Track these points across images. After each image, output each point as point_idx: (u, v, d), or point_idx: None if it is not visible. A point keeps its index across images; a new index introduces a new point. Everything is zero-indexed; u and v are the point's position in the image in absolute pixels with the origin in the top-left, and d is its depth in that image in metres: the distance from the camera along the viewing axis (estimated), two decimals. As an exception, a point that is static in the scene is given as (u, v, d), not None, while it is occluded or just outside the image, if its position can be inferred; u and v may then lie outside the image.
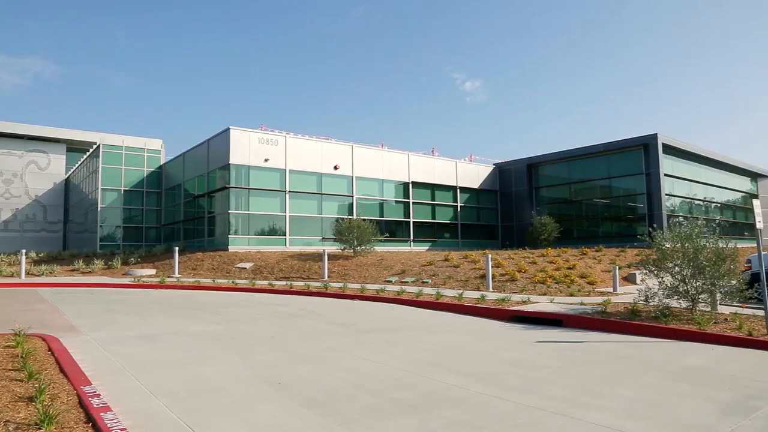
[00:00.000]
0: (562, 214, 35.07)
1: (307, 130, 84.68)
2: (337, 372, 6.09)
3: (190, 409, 4.64)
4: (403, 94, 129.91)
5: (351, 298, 14.31)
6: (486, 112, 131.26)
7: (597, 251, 22.99)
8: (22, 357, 5.97)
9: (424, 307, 12.55)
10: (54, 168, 46.05)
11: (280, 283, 17.94)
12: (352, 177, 30.87)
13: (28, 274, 21.14)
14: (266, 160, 27.68)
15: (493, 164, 39.19)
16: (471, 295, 13.58)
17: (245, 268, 22.28)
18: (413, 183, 33.71)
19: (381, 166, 32.36)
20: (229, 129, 27.07)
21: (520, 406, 4.82)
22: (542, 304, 11.79)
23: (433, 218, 34.99)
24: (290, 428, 4.23)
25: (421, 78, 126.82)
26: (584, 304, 11.52)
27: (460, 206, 36.43)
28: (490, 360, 6.93)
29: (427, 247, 33.00)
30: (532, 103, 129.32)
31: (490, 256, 16.40)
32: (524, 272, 17.74)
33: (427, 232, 34.54)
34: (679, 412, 4.72)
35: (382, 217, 31.94)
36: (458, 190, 36.35)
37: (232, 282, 18.43)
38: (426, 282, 17.71)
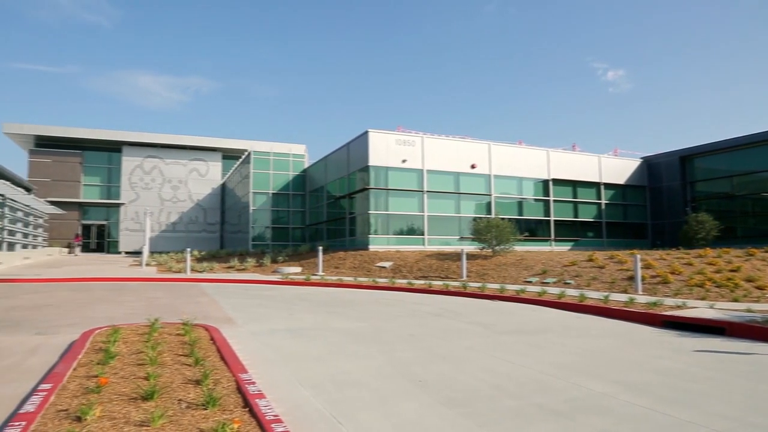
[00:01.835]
0: (722, 210, 31.79)
1: (443, 130, 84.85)
2: (476, 372, 6.04)
3: (335, 401, 4.85)
4: (540, 89, 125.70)
5: (490, 298, 14.11)
6: (631, 103, 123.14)
7: (767, 252, 20.58)
8: (189, 344, 6.62)
9: (566, 309, 12.05)
10: (212, 174, 50.54)
11: (419, 282, 18.16)
12: (490, 175, 30.43)
13: (192, 270, 23.36)
14: (404, 161, 28.16)
15: (641, 158, 36.53)
16: (618, 298, 12.80)
17: (385, 267, 22.83)
18: (553, 180, 32.47)
19: (519, 164, 31.56)
20: (367, 132, 27.91)
21: (678, 421, 4.45)
22: (700, 310, 10.79)
23: (575, 216, 33.45)
24: (431, 426, 4.26)
25: (559, 70, 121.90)
26: (752, 311, 10.35)
27: (605, 203, 34.44)
28: (640, 368, 6.46)
29: (569, 247, 31.65)
30: (682, 90, 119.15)
31: (638, 256, 15.33)
32: (678, 274, 16.36)
33: (569, 231, 33.07)
34: None
35: (521, 216, 31.15)
36: (602, 187, 34.39)
37: (373, 280, 18.97)
38: (568, 283, 16.99)
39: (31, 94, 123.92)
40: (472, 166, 29.88)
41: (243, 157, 41.57)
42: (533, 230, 31.45)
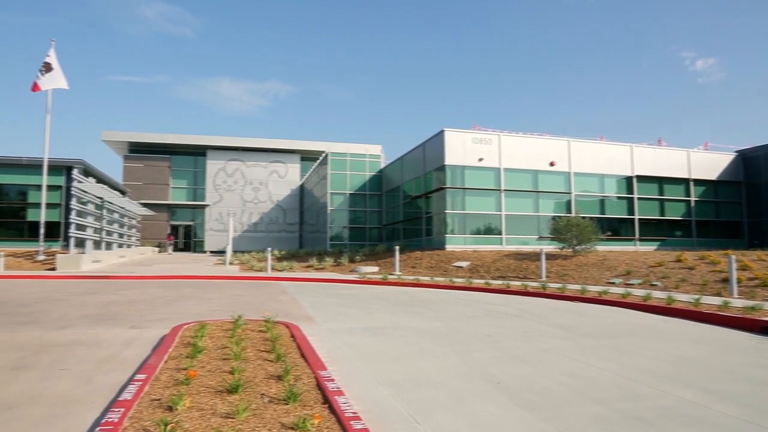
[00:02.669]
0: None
1: (520, 128, 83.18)
2: (556, 375, 5.87)
3: (412, 400, 4.86)
4: (622, 81, 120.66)
5: (570, 300, 13.70)
6: (723, 93, 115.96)
7: None
8: (271, 341, 6.83)
9: (653, 312, 11.50)
10: (291, 176, 51.94)
11: (497, 283, 17.89)
12: (569, 173, 29.55)
13: (272, 269, 24.09)
14: (480, 160, 27.84)
15: (735, 151, 34.28)
16: (710, 301, 12.08)
17: (462, 267, 22.66)
18: (638, 177, 31.10)
19: (600, 161, 30.46)
20: (443, 131, 27.79)
21: (778, 432, 4.15)
22: (805, 315, 10.01)
23: (662, 215, 31.87)
24: (509, 429, 4.18)
25: (643, 61, 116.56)
26: None
27: (694, 201, 32.61)
28: (737, 377, 6.05)
29: (654, 247, 30.20)
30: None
31: (733, 256, 14.38)
32: (779, 276, 15.25)
33: (655, 230, 31.56)
34: None
35: (603, 214, 30.04)
36: (691, 183, 32.58)
37: (450, 280, 18.86)
38: (654, 285, 16.22)
39: (125, 103, 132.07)
40: (551, 164, 29.12)
41: (320, 158, 42.45)
42: (616, 229, 30.26)
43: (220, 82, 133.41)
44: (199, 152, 50.60)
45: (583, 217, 23.93)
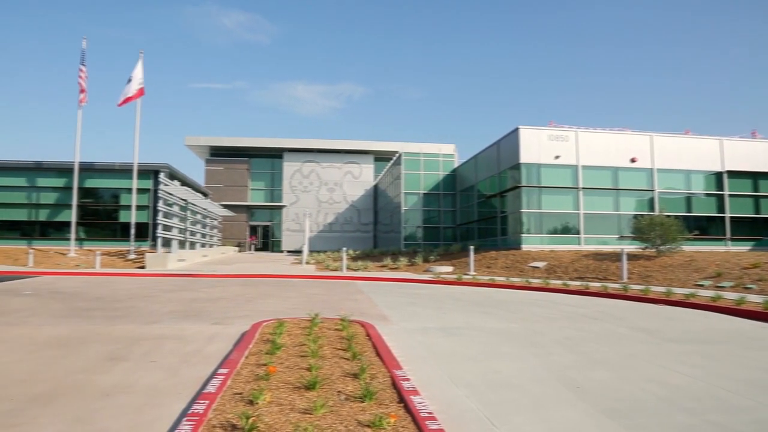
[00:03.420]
0: None
1: (599, 123, 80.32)
2: (641, 382, 5.60)
3: (488, 402, 4.78)
4: (709, 69, 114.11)
5: (654, 302, 13.07)
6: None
7: None
8: (347, 339, 6.92)
9: (747, 317, 10.76)
10: (365, 176, 52.50)
11: (575, 284, 17.35)
12: (652, 169, 28.23)
13: (347, 268, 24.44)
14: (557, 157, 27.11)
15: (841, 143, 31.57)
16: (813, 306, 11.20)
17: (538, 267, 22.15)
18: (728, 172, 29.26)
19: (686, 156, 28.87)
20: (518, 129, 27.26)
21: None
22: None
23: (757, 213, 29.82)
24: (591, 436, 4.04)
25: (732, 49, 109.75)
26: None
27: (794, 198, 30.30)
28: None
29: (748, 247, 28.31)
30: None
31: (839, 258, 13.28)
32: None
33: (749, 229, 29.55)
34: None
35: (689, 212, 28.49)
36: (791, 179, 30.27)
37: (526, 281, 18.47)
38: (749, 288, 15.20)
39: (206, 109, 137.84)
40: (632, 160, 27.92)
41: (394, 158, 42.66)
42: (704, 228, 28.58)
43: (295, 86, 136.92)
44: (275, 155, 52.05)
45: (668, 216, 22.77)
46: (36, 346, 6.93)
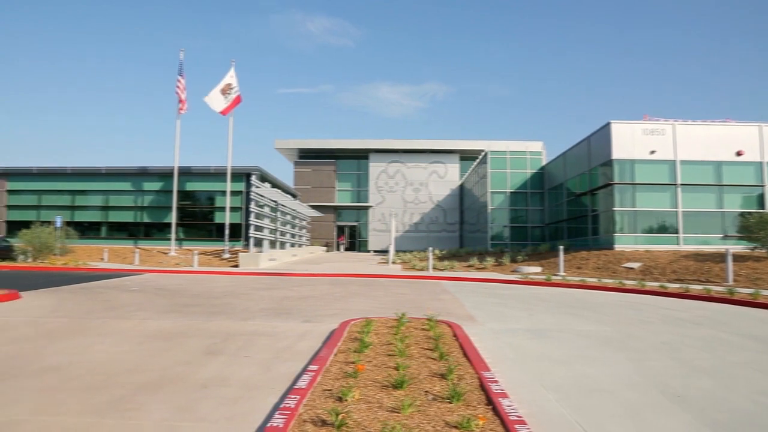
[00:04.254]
0: None
1: (698, 115, 75.65)
2: (750, 393, 5.20)
3: (580, 407, 4.63)
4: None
5: (765, 308, 12.15)
6: None
7: None
8: (434, 339, 6.92)
9: None
10: (450, 176, 52.23)
11: (673, 286, 16.43)
12: (762, 163, 26.19)
13: (433, 268, 24.42)
14: (652, 152, 25.78)
15: None
16: None
17: (632, 268, 21.17)
18: None
19: (802, 148, 26.57)
20: (609, 124, 26.17)
21: None
22: None
23: None
24: (692, 447, 3.82)
25: None
26: None
27: None
28: None
29: None
30: None
31: None
32: None
33: None
34: None
35: (805, 209, 26.21)
36: None
37: (619, 282, 17.69)
38: None
39: (294, 113, 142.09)
40: (738, 154, 26.04)
41: (479, 157, 42.16)
42: (823, 227, 26.19)
43: (379, 88, 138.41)
44: (361, 156, 52.82)
45: (780, 214, 21.07)
46: (142, 338, 7.43)
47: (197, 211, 36.40)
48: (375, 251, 48.80)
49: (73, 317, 9.27)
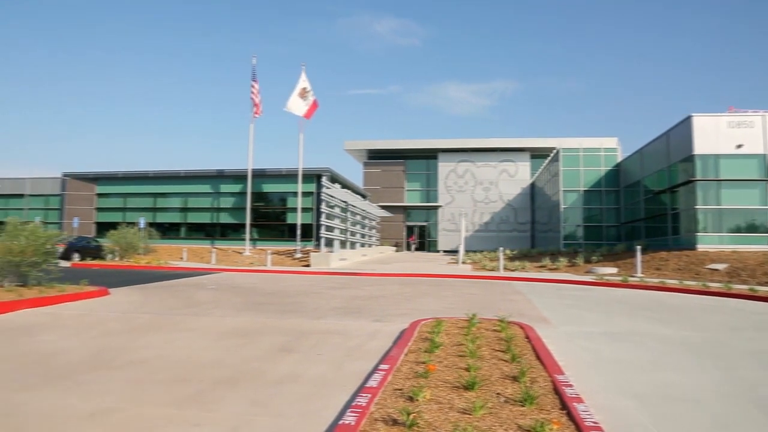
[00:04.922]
0: None
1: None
2: None
3: (660, 416, 4.42)
4: None
5: None
6: None
7: None
8: (505, 341, 6.80)
9: None
10: (521, 174, 51.28)
11: (765, 289, 15.43)
12: None
13: (504, 268, 24.03)
14: (739, 146, 24.31)
15: None
16: None
17: (717, 270, 20.04)
18: None
19: None
20: (690, 117, 24.89)
21: None
22: None
23: None
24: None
25: None
26: None
27: None
28: None
29: None
30: None
31: None
32: None
33: None
34: None
35: None
36: None
37: (703, 284, 16.78)
38: None
39: (363, 114, 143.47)
40: (836, 147, 24.15)
41: (551, 155, 41.13)
42: None
43: (447, 87, 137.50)
44: (430, 155, 52.70)
45: None
46: (219, 335, 7.71)
47: (270, 212, 37.44)
48: (444, 251, 48.55)
49: (157, 313, 9.74)
